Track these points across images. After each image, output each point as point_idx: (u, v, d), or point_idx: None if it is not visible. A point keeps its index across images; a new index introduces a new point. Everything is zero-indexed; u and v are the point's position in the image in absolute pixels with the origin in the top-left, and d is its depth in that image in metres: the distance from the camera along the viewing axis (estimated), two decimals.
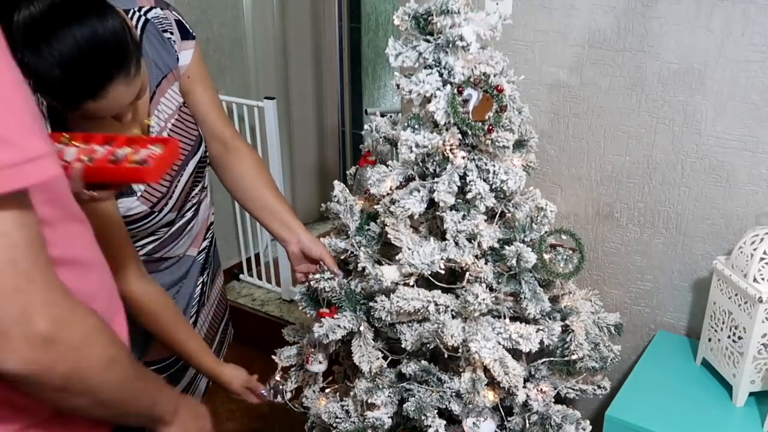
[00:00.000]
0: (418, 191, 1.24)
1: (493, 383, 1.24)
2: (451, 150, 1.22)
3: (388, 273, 1.24)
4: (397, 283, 1.24)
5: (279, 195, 1.37)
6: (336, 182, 1.41)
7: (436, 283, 1.24)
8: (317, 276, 1.36)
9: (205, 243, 1.41)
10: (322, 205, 1.45)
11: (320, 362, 1.45)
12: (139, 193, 1.13)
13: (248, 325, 2.66)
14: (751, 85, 1.41)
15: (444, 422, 1.31)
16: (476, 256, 1.23)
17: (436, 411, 1.30)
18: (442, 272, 1.23)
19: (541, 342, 1.26)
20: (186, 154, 1.21)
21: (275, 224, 1.35)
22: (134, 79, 0.97)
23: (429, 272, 1.20)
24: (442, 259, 1.20)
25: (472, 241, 1.21)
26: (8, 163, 0.55)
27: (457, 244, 1.22)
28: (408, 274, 1.22)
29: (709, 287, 1.47)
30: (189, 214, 1.29)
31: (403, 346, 1.30)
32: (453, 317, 1.25)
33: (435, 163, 1.25)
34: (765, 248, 1.31)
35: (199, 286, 1.42)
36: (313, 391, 1.53)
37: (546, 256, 1.26)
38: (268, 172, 1.39)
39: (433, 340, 1.23)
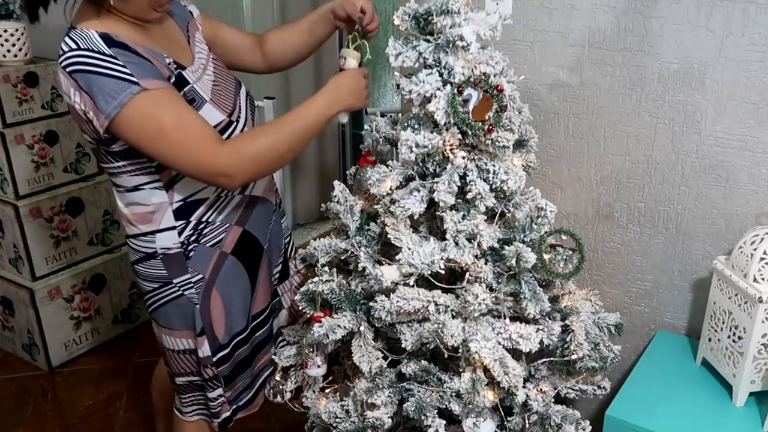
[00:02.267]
0: (418, 191, 1.24)
1: (493, 383, 1.24)
2: (451, 150, 1.22)
3: (388, 273, 1.24)
4: (397, 283, 1.24)
5: (297, 23, 1.53)
6: (336, 182, 1.41)
7: (436, 283, 1.24)
8: (315, 279, 1.36)
9: (277, 195, 1.55)
10: (322, 205, 1.45)
11: (318, 366, 1.45)
12: (207, 98, 1.27)
13: None
14: (751, 85, 1.41)
15: (444, 422, 1.31)
16: (476, 256, 1.23)
17: (436, 411, 1.30)
18: (442, 272, 1.23)
19: (541, 342, 1.26)
20: (234, 85, 1.37)
21: (319, 30, 1.49)
22: None
23: (429, 272, 1.20)
24: (442, 259, 1.20)
25: (472, 241, 1.21)
26: None
27: (457, 244, 1.22)
28: (408, 274, 1.22)
29: (709, 287, 1.47)
30: None
31: (403, 346, 1.30)
32: (453, 317, 1.25)
33: (435, 163, 1.25)
34: (765, 248, 1.31)
35: (287, 238, 1.59)
36: (313, 391, 1.53)
37: (546, 256, 1.26)
38: (287, 25, 1.57)
39: (433, 340, 1.23)
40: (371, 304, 1.27)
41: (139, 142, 1.16)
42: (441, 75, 1.20)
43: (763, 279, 1.31)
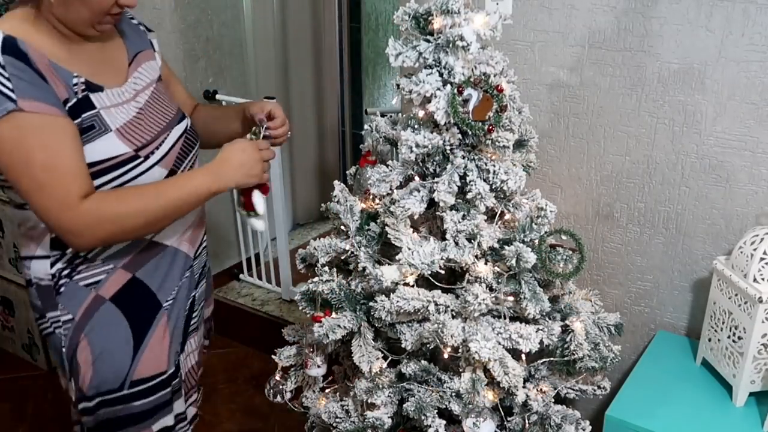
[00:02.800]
0: (418, 191, 1.24)
1: (492, 383, 1.24)
2: (451, 150, 1.22)
3: (388, 273, 1.23)
4: (397, 283, 1.24)
5: (217, 107, 1.52)
6: (336, 182, 1.41)
7: (436, 283, 1.24)
8: (316, 279, 1.36)
9: (202, 247, 1.38)
10: (322, 205, 1.45)
11: (318, 366, 1.45)
12: (114, 127, 1.13)
13: (248, 325, 2.66)
14: (751, 85, 1.41)
15: (444, 422, 1.31)
16: (476, 256, 1.23)
17: (436, 411, 1.30)
18: (442, 272, 1.23)
19: (541, 342, 1.26)
20: (168, 119, 1.25)
21: (232, 124, 1.41)
22: None
23: (429, 272, 1.20)
24: (442, 259, 1.20)
25: (472, 241, 1.21)
26: None
27: (457, 244, 1.22)
28: (408, 274, 1.22)
29: (709, 287, 1.47)
30: None
31: (403, 346, 1.30)
32: (453, 317, 1.25)
33: (435, 163, 1.25)
34: (765, 248, 1.31)
35: (190, 302, 1.35)
36: (313, 391, 1.53)
37: (545, 256, 1.26)
38: (209, 105, 1.51)
39: (433, 340, 1.23)
40: (371, 304, 1.28)
41: (1, 165, 1.05)
42: (441, 75, 1.20)
43: (763, 279, 1.31)
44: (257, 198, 1.27)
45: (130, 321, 1.22)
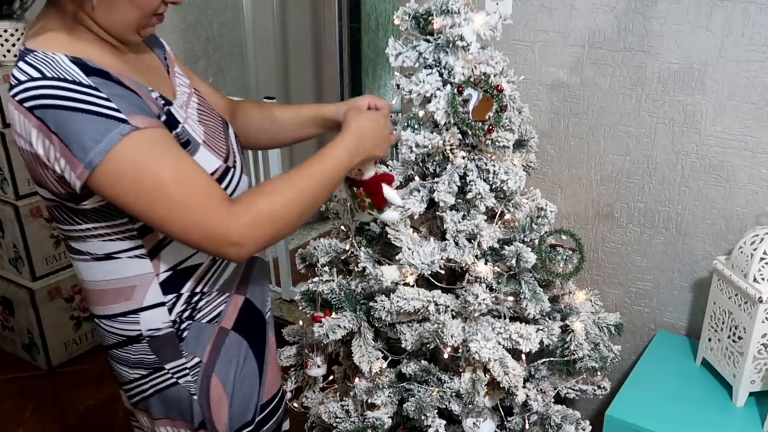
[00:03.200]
0: (419, 191, 1.25)
1: (493, 383, 1.24)
2: (451, 150, 1.22)
3: (388, 273, 1.23)
4: (397, 283, 1.24)
5: (285, 107, 1.30)
6: None
7: (436, 283, 1.24)
8: (316, 279, 1.36)
9: None
10: (322, 205, 1.44)
11: (318, 366, 1.45)
12: (200, 141, 1.01)
13: None
14: (751, 85, 1.41)
15: (444, 422, 1.31)
16: (476, 256, 1.23)
17: (436, 411, 1.30)
18: (442, 272, 1.23)
19: (541, 342, 1.26)
20: (222, 122, 1.14)
21: (309, 130, 1.29)
22: None
23: (429, 272, 1.20)
24: (442, 259, 1.20)
25: (472, 241, 1.21)
26: None
27: (457, 244, 1.22)
28: (408, 274, 1.22)
29: (709, 287, 1.47)
30: None
31: (403, 346, 1.30)
32: (453, 317, 1.25)
33: (435, 163, 1.25)
34: (765, 248, 1.31)
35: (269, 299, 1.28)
36: (313, 391, 1.53)
37: (545, 256, 1.26)
38: (267, 102, 1.34)
39: (433, 340, 1.23)
40: (371, 304, 1.28)
41: (125, 199, 0.90)
42: (441, 75, 1.20)
43: (763, 279, 1.31)
44: (388, 190, 1.18)
45: (251, 345, 1.14)
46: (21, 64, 0.89)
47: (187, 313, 1.05)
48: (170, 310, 1.03)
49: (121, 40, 0.97)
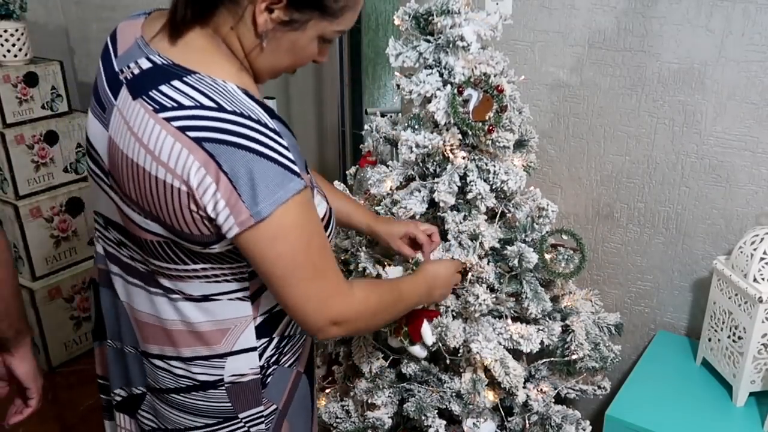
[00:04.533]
0: (419, 191, 1.25)
1: (493, 383, 1.24)
2: (451, 150, 1.22)
3: (393, 273, 1.24)
4: None
5: (340, 196, 1.26)
6: (336, 182, 1.41)
7: None
8: None
9: None
10: None
11: (318, 366, 1.45)
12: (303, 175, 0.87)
13: None
14: (751, 85, 1.41)
15: (444, 422, 1.31)
16: (479, 257, 1.23)
17: (436, 411, 1.30)
18: None
19: (542, 342, 1.26)
20: None
21: (345, 226, 1.27)
22: None
23: None
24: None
25: (474, 241, 1.21)
26: None
27: (461, 244, 1.22)
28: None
29: (709, 287, 1.47)
30: None
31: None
32: (454, 318, 1.25)
33: (435, 163, 1.25)
34: (765, 248, 1.31)
35: None
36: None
37: (547, 256, 1.26)
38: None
39: (435, 341, 1.23)
40: None
41: (268, 254, 0.81)
42: (441, 75, 1.20)
43: (763, 279, 1.31)
44: (426, 328, 1.22)
45: (311, 386, 1.10)
46: (179, 85, 0.78)
47: (274, 358, 0.98)
48: (260, 356, 0.96)
49: (255, 76, 0.89)
